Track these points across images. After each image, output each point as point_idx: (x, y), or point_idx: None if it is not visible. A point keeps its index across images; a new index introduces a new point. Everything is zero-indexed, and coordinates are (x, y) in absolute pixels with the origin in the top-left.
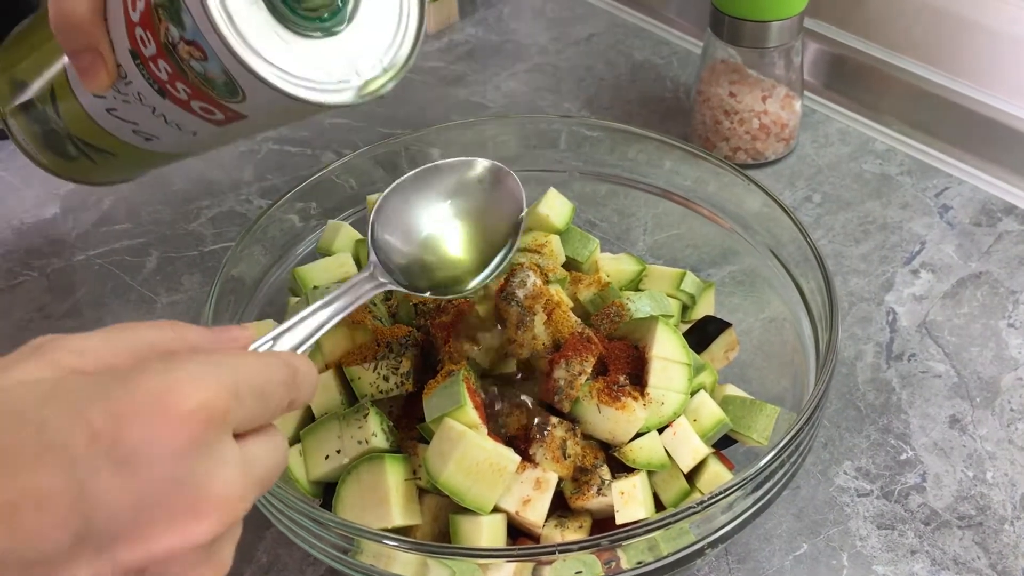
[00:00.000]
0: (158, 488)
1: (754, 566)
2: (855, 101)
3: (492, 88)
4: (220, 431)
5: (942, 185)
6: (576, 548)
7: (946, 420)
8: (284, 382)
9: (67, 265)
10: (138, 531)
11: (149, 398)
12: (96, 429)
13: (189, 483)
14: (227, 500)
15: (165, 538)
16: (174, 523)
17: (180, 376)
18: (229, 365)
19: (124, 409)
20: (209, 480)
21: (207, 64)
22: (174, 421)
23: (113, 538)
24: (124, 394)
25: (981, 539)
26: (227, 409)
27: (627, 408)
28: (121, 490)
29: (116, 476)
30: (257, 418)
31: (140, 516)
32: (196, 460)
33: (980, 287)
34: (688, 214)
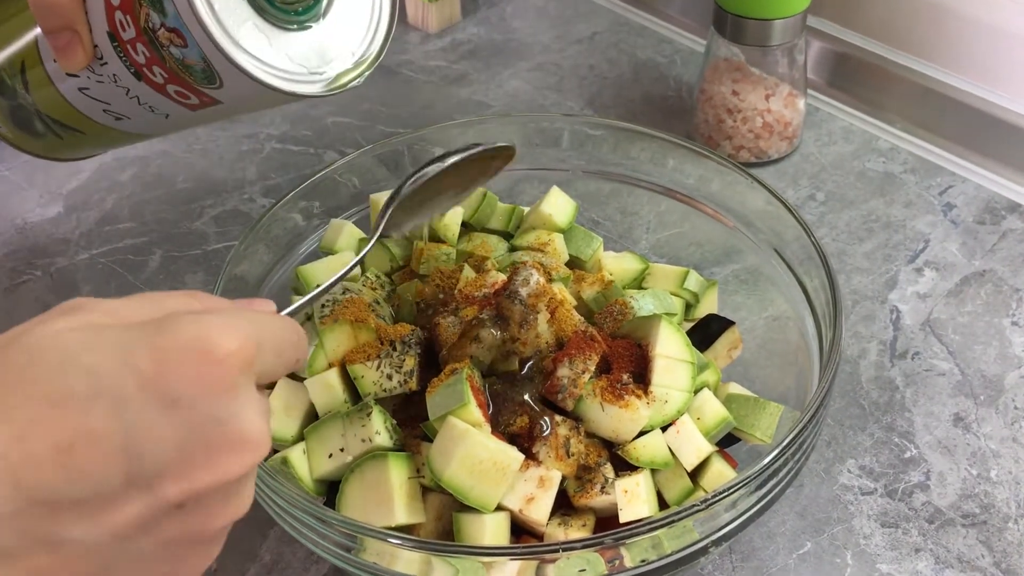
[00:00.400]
0: (201, 428)
1: (758, 564)
2: (859, 99)
3: (495, 87)
4: (248, 377)
5: (946, 183)
6: (580, 546)
7: (950, 418)
8: (295, 343)
9: (70, 264)
10: (182, 468)
11: (190, 342)
12: (144, 373)
13: (227, 423)
14: (257, 439)
15: (205, 474)
16: (213, 460)
17: (215, 323)
18: (253, 320)
19: (167, 354)
20: (242, 420)
21: (186, 51)
22: (214, 364)
23: (160, 475)
24: (166, 339)
25: (985, 537)
26: (253, 357)
27: (630, 406)
28: (168, 430)
29: (163, 417)
30: (271, 372)
31: (184, 454)
32: (232, 402)
33: (984, 285)
34: (691, 212)
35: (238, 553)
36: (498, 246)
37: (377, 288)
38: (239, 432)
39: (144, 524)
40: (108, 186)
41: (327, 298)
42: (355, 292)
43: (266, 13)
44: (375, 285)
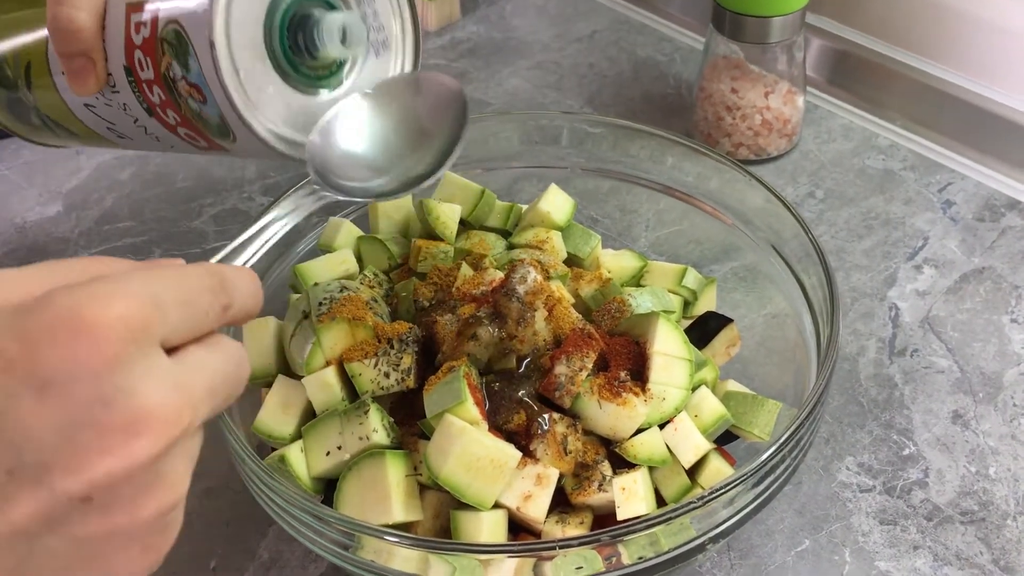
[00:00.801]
0: (83, 409)
1: (756, 562)
2: (858, 96)
3: (494, 85)
4: (144, 343)
5: (945, 180)
6: (576, 544)
7: (949, 415)
8: (210, 288)
9: None
10: (71, 456)
11: (61, 318)
12: (9, 357)
13: (116, 400)
14: (163, 414)
15: (101, 461)
16: (107, 444)
17: (91, 293)
18: (143, 279)
19: (36, 333)
20: (138, 395)
21: (205, 107)
22: (90, 337)
23: (47, 467)
24: (34, 318)
25: (984, 534)
26: (148, 320)
27: (628, 404)
28: (44, 416)
29: (37, 402)
30: (189, 328)
31: (70, 440)
32: (121, 376)
33: (983, 282)
34: (690, 210)
35: (237, 551)
36: (496, 244)
37: (375, 286)
38: (135, 409)
39: (45, 520)
40: (108, 185)
41: (325, 296)
42: (352, 290)
43: (290, 78)
44: (373, 283)
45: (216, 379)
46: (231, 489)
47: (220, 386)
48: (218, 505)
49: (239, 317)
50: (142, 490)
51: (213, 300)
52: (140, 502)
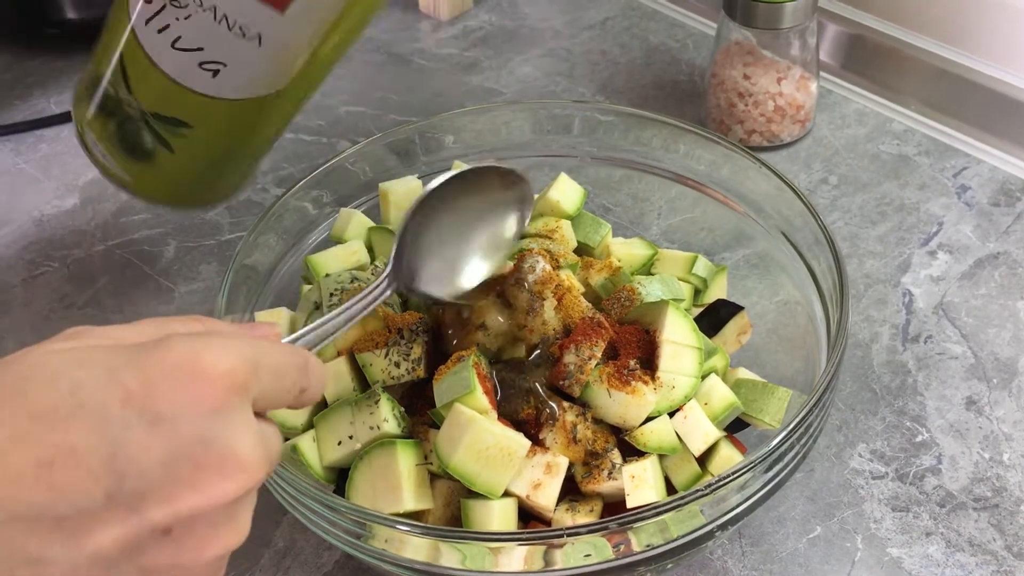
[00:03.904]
0: (187, 446)
1: (768, 549)
2: (872, 81)
3: (506, 74)
4: (242, 399)
5: (960, 165)
6: (585, 531)
7: (962, 402)
8: (298, 367)
9: (87, 255)
10: (167, 489)
11: (179, 361)
12: (130, 390)
13: (215, 443)
14: (250, 462)
15: (192, 496)
16: (200, 481)
17: (207, 343)
18: (252, 344)
19: (155, 371)
20: (233, 442)
21: None
22: (203, 383)
23: (143, 496)
24: (155, 358)
25: (997, 521)
26: (248, 379)
27: (637, 392)
28: (152, 448)
29: (148, 434)
30: (271, 397)
31: (169, 474)
32: (222, 422)
33: (998, 267)
34: (702, 198)
35: (252, 540)
36: None
37: None
38: (228, 453)
39: (127, 547)
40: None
41: (336, 287)
42: (363, 281)
43: None
44: None
45: (275, 451)
46: None
47: (275, 458)
48: None
49: (307, 401)
50: (214, 529)
51: (297, 379)
52: (209, 540)
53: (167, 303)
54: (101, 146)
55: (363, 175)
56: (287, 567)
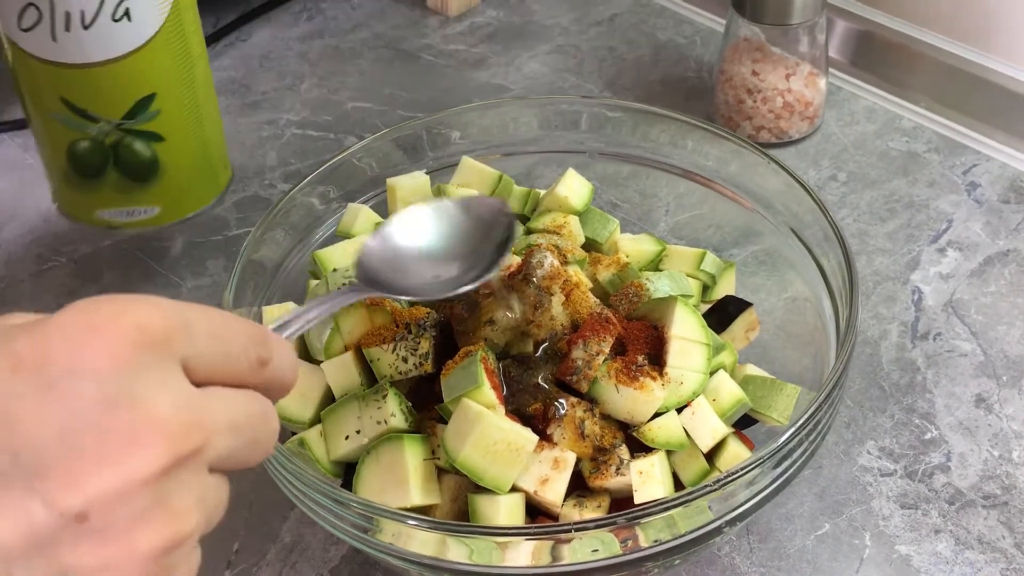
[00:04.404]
0: (86, 412)
1: (776, 545)
2: (882, 78)
3: (514, 70)
4: (161, 355)
5: (970, 162)
6: (593, 526)
7: (972, 399)
8: (248, 336)
9: (94, 251)
10: (69, 464)
11: (76, 318)
12: (20, 355)
13: (121, 404)
14: (170, 427)
15: (101, 472)
16: (107, 452)
17: (113, 298)
18: (179, 304)
19: (51, 332)
20: (146, 402)
21: None
22: (103, 337)
23: (42, 473)
24: (52, 320)
25: (1006, 518)
26: (169, 333)
27: (645, 388)
28: (46, 417)
29: (41, 403)
30: (219, 363)
31: (69, 445)
32: (129, 380)
33: (1008, 265)
34: (710, 194)
35: (259, 534)
36: None
37: None
38: (139, 416)
39: (36, 539)
40: None
41: (343, 281)
42: None
43: None
44: None
45: (239, 415)
46: (254, 472)
47: (244, 424)
48: (241, 488)
49: (275, 380)
50: (141, 515)
51: (249, 347)
52: (139, 530)
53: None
54: (120, 200)
55: (370, 170)
56: (294, 562)
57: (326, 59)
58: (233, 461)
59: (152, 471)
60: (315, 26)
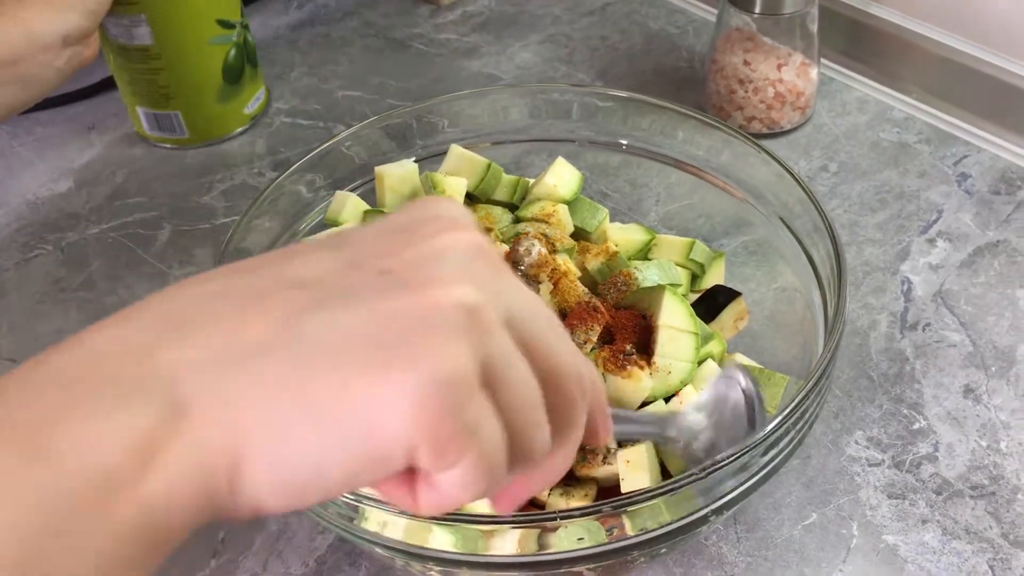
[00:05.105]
0: (414, 233)
1: (763, 535)
2: (873, 69)
3: (505, 59)
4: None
5: (961, 153)
6: (579, 515)
7: (960, 390)
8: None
9: (81, 239)
10: (385, 248)
11: (441, 202)
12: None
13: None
14: (468, 222)
15: (409, 247)
16: (420, 239)
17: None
18: None
19: (416, 203)
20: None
21: None
22: (465, 230)
23: (363, 258)
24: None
25: (994, 509)
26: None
27: (633, 376)
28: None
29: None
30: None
31: (386, 240)
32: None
33: (998, 256)
34: (701, 184)
35: (245, 523)
36: (503, 217)
37: None
38: (440, 212)
39: (344, 288)
40: (118, 161)
41: None
42: None
43: None
44: None
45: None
46: None
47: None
48: None
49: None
50: (433, 276)
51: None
52: (432, 281)
53: (161, 287)
54: (252, 89)
55: (358, 158)
56: (280, 551)
57: (316, 47)
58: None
59: (461, 241)
60: (306, 14)
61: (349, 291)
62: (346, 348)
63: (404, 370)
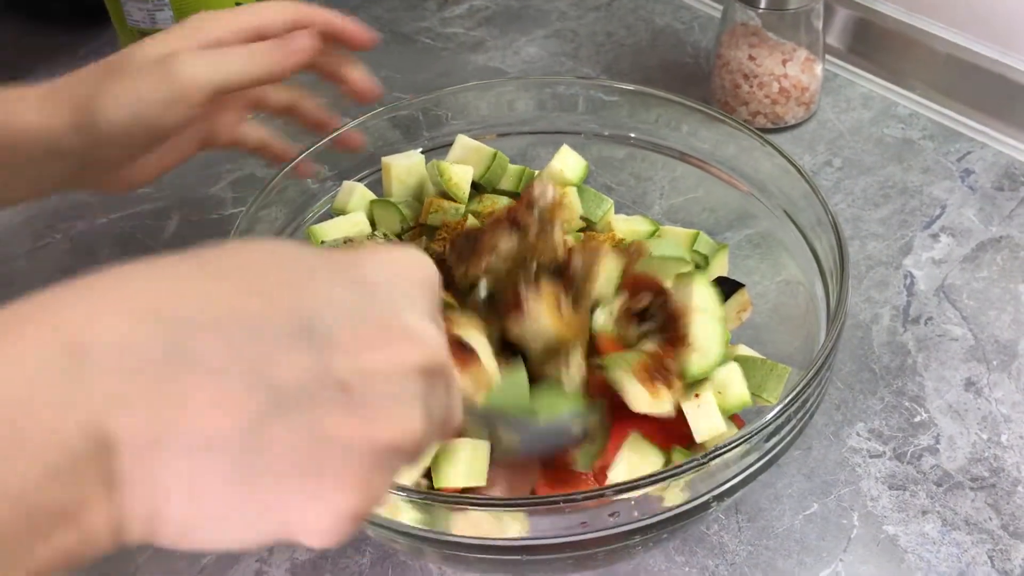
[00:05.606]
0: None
1: (764, 525)
2: (878, 65)
3: (511, 54)
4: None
5: (964, 149)
6: (582, 498)
7: (961, 383)
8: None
9: (90, 228)
10: (354, 340)
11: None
12: (339, 260)
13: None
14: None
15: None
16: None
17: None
18: None
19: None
20: (420, 319)
21: None
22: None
23: (330, 344)
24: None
25: (994, 500)
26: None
27: (658, 394)
28: (350, 298)
29: (347, 291)
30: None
31: (357, 329)
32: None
33: (1000, 251)
34: (705, 177)
35: None
36: None
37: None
38: (415, 326)
39: (303, 386)
40: None
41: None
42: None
43: None
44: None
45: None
46: None
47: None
48: None
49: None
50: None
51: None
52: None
53: None
54: None
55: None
56: None
57: None
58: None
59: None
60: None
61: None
62: (289, 464)
63: (333, 498)
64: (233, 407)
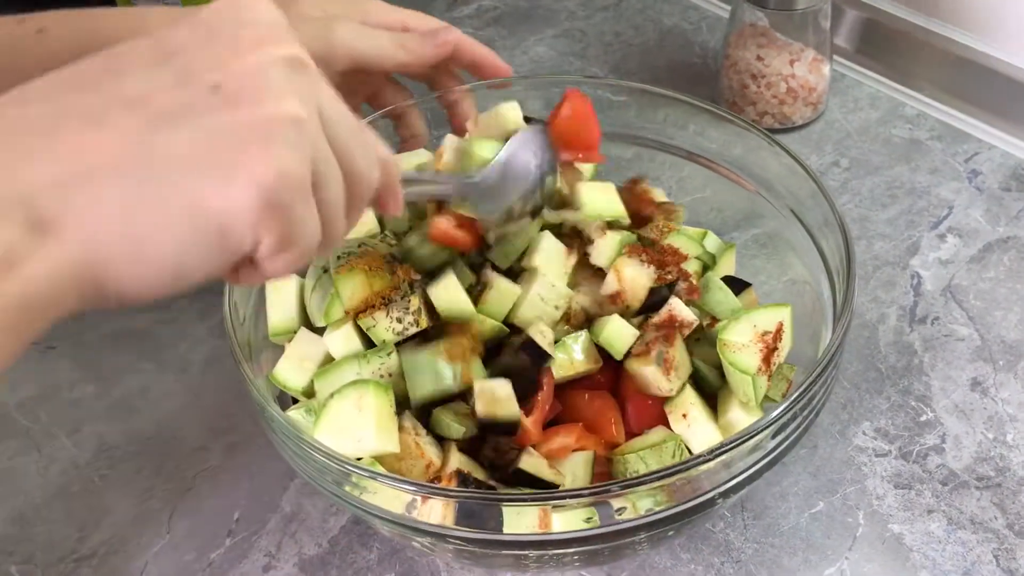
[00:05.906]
0: (231, 31)
1: (770, 522)
2: (886, 66)
3: (520, 53)
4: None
5: (972, 150)
6: (587, 494)
7: (968, 383)
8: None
9: None
10: (211, 58)
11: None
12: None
13: (256, 28)
14: (286, 37)
15: (233, 60)
16: (244, 50)
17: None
18: None
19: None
20: (270, 26)
21: None
22: (284, 42)
23: (189, 64)
24: None
25: (999, 500)
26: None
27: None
28: (200, 33)
29: (192, 28)
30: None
31: (213, 47)
32: (262, 19)
33: (1007, 252)
34: (713, 177)
35: (259, 504)
36: None
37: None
38: (264, 32)
39: (177, 99)
40: None
41: (344, 251)
42: (371, 246)
43: None
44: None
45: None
46: (255, 444)
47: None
48: (243, 460)
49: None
50: (264, 88)
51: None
52: (260, 99)
53: None
54: None
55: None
56: (294, 531)
57: None
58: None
59: (272, 59)
60: None
61: (187, 109)
62: (193, 161)
63: (249, 175)
64: (112, 130)
